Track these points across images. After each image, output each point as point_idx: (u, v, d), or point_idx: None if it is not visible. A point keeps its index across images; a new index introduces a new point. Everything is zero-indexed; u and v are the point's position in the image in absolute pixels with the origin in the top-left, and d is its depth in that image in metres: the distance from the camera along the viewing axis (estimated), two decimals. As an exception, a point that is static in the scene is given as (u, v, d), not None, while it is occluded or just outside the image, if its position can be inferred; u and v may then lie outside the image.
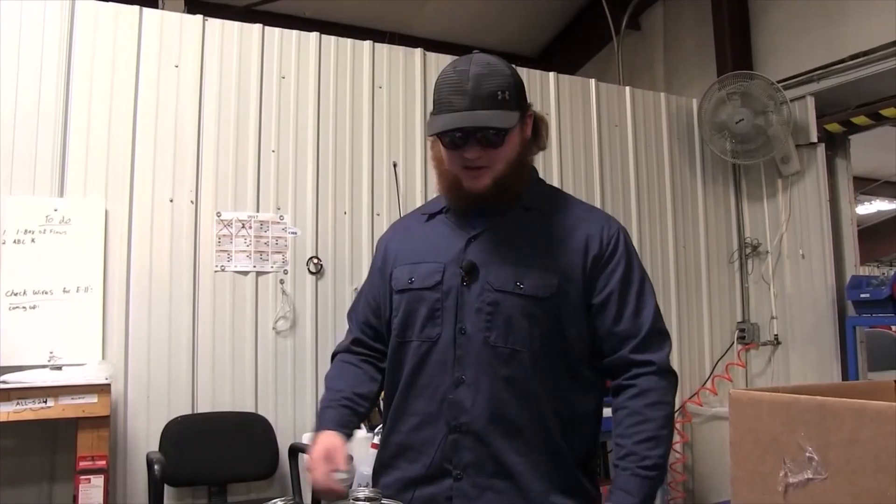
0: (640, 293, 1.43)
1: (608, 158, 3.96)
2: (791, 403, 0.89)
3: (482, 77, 1.32)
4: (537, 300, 1.37)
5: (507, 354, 1.36)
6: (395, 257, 1.52)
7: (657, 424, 1.34)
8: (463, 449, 1.36)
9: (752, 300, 4.24)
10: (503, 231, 1.43)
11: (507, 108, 1.33)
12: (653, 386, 1.37)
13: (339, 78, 3.37)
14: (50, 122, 2.81)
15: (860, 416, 0.80)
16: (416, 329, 1.43)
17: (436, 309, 1.40)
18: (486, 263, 1.39)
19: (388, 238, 1.61)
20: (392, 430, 1.46)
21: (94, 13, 2.93)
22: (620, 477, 1.31)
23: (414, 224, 1.57)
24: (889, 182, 7.55)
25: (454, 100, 1.32)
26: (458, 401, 1.36)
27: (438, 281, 1.41)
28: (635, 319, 1.40)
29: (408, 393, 1.43)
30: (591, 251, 1.41)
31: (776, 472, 0.89)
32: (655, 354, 1.39)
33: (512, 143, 1.38)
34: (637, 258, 1.47)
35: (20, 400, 2.41)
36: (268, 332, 3.10)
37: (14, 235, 2.70)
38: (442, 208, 1.51)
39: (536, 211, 1.46)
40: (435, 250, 1.46)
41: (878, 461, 0.78)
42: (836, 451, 0.82)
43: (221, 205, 3.08)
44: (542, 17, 5.62)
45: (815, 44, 3.95)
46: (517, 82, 1.39)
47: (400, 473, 1.43)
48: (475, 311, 1.38)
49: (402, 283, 1.47)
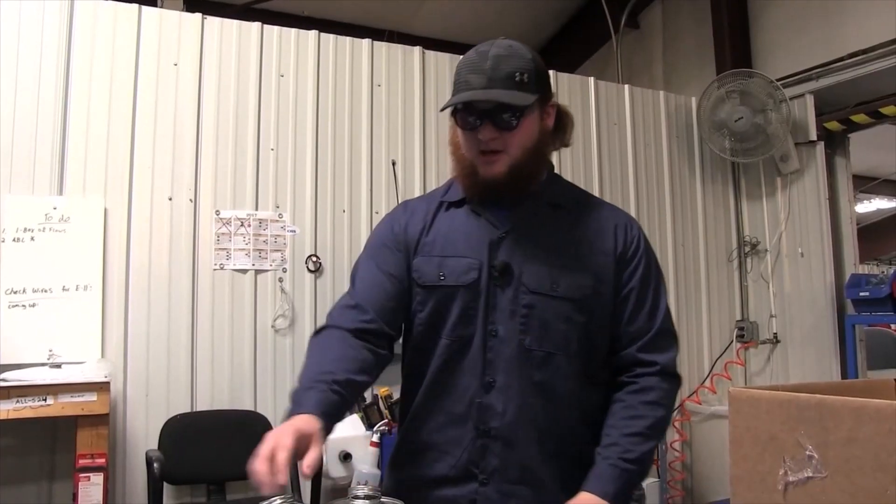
0: (657, 294, 1.42)
1: (607, 157, 3.95)
2: (790, 402, 0.89)
3: (501, 58, 1.30)
4: (573, 302, 1.34)
5: (542, 358, 1.33)
6: (416, 244, 1.42)
7: (649, 423, 1.33)
8: (491, 454, 1.32)
9: (751, 299, 4.24)
10: (533, 229, 1.39)
11: (524, 91, 1.30)
12: (654, 386, 1.36)
13: (337, 76, 3.37)
14: (49, 121, 2.81)
15: (859, 414, 0.80)
16: (447, 327, 1.36)
17: (471, 308, 1.35)
18: (519, 264, 1.35)
19: (404, 220, 1.46)
20: (413, 428, 1.41)
21: (93, 11, 2.93)
22: (600, 465, 1.30)
23: (433, 211, 1.46)
24: (889, 180, 7.56)
25: (471, 79, 1.30)
26: (488, 405, 1.32)
27: (475, 279, 1.35)
28: (648, 319, 1.39)
29: (432, 391, 1.38)
30: (618, 250, 1.40)
31: (776, 471, 0.89)
32: (662, 355, 1.38)
33: (528, 129, 1.34)
34: (655, 258, 1.45)
35: (20, 398, 2.41)
36: (267, 330, 3.10)
37: (13, 234, 2.70)
38: (464, 198, 1.43)
39: (564, 210, 1.42)
40: (465, 244, 1.39)
41: (877, 459, 0.78)
42: (836, 449, 0.82)
43: (220, 203, 3.07)
44: (541, 16, 5.61)
45: (815, 42, 3.95)
46: (539, 69, 1.34)
47: (420, 472, 1.38)
48: (509, 314, 1.33)
49: (431, 278, 1.39)
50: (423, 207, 1.48)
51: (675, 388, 1.40)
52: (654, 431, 1.34)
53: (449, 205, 1.45)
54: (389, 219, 1.51)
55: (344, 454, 2.86)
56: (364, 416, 2.97)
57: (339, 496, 1.24)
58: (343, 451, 2.86)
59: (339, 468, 2.85)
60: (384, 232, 1.48)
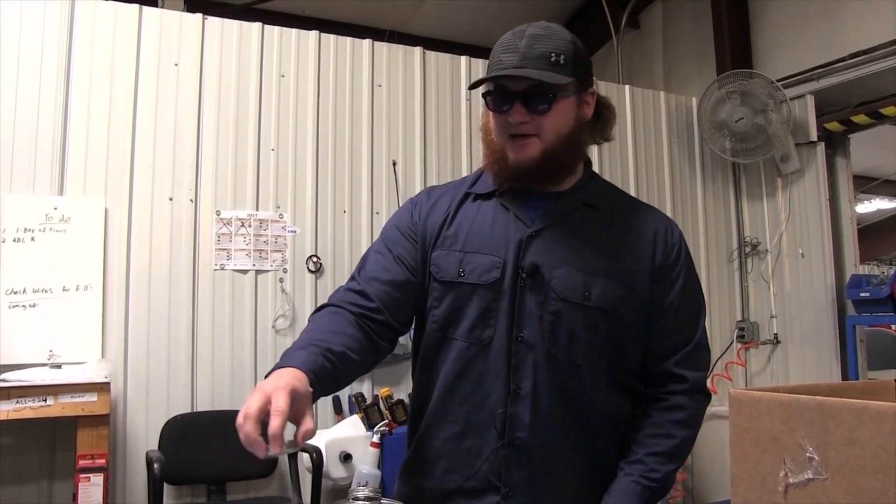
0: (696, 307, 1.35)
1: (607, 157, 3.95)
2: (791, 403, 0.89)
3: (538, 37, 1.23)
4: (603, 312, 1.26)
5: (568, 367, 1.25)
6: (435, 236, 1.33)
7: (676, 443, 1.28)
8: (515, 465, 1.25)
9: (751, 299, 4.24)
10: (567, 230, 1.29)
11: (559, 72, 1.21)
12: (684, 404, 1.30)
13: (338, 76, 3.37)
14: (49, 121, 2.81)
15: (860, 415, 0.80)
16: (464, 328, 1.28)
17: (491, 309, 1.26)
18: (549, 267, 1.26)
19: (425, 209, 1.37)
20: (427, 436, 1.32)
21: (93, 11, 2.93)
22: (622, 481, 1.26)
23: (457, 201, 1.36)
24: (889, 181, 7.55)
25: (504, 58, 1.22)
26: (514, 415, 1.24)
27: (497, 278, 1.26)
28: (686, 333, 1.33)
29: (448, 398, 1.29)
30: (657, 259, 1.31)
31: (776, 472, 0.89)
32: (695, 372, 1.32)
33: (562, 113, 1.24)
34: (694, 267, 1.37)
35: (20, 398, 2.41)
36: (267, 330, 3.10)
37: (14, 234, 2.70)
38: (494, 190, 1.33)
39: (601, 211, 1.33)
40: (490, 241, 1.29)
41: (878, 461, 0.78)
42: (836, 450, 0.82)
43: (221, 203, 3.07)
44: (541, 16, 5.52)
45: (815, 42, 3.95)
46: (579, 52, 1.26)
47: (435, 482, 1.30)
48: (536, 319, 1.25)
49: (450, 273, 1.30)
50: (447, 196, 1.38)
51: (703, 407, 1.34)
52: (680, 451, 1.29)
53: (476, 196, 1.35)
54: (410, 204, 1.40)
55: (344, 455, 2.86)
56: (364, 417, 2.97)
57: (340, 497, 1.20)
58: (343, 451, 2.86)
59: (340, 469, 2.85)
60: (403, 218, 1.38)
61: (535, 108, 1.22)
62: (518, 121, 1.23)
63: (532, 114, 1.23)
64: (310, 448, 2.71)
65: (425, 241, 1.34)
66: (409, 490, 1.35)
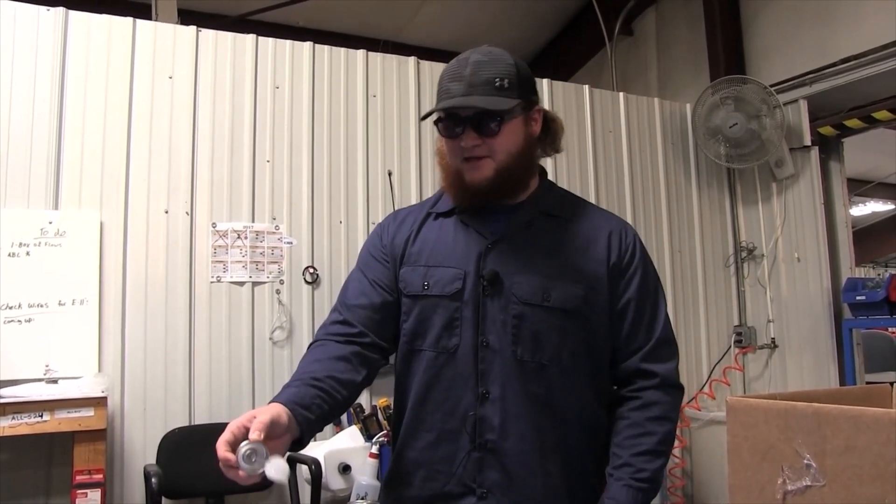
0: (655, 303, 1.40)
1: (602, 164, 3.96)
2: (788, 411, 0.89)
3: (481, 64, 1.29)
4: (565, 313, 1.32)
5: (535, 369, 1.30)
6: (401, 254, 1.42)
7: (657, 439, 1.31)
8: (488, 467, 1.29)
9: (748, 304, 4.24)
10: (524, 238, 1.37)
11: (504, 96, 1.29)
12: (658, 399, 1.34)
13: (333, 87, 3.37)
14: (44, 134, 2.81)
15: (857, 423, 0.80)
16: (431, 338, 1.35)
17: (454, 318, 1.33)
18: (509, 273, 1.32)
19: (392, 230, 1.47)
20: (405, 446, 1.38)
21: (87, 25, 2.93)
22: (613, 486, 1.29)
23: (420, 220, 1.45)
24: (883, 183, 7.59)
25: (452, 87, 1.29)
26: (483, 417, 1.29)
27: (459, 289, 1.33)
28: (648, 329, 1.37)
29: (421, 407, 1.35)
30: (612, 259, 1.37)
31: (774, 480, 0.89)
32: (662, 366, 1.37)
33: (512, 134, 1.32)
34: (652, 265, 1.43)
35: (16, 414, 2.39)
36: (264, 342, 3.09)
37: (9, 248, 2.69)
38: (454, 208, 1.42)
39: (558, 218, 1.40)
40: (452, 254, 1.37)
41: (875, 468, 0.78)
42: (834, 458, 0.82)
43: (217, 215, 3.07)
44: (535, 24, 5.64)
45: (808, 47, 3.97)
46: (522, 73, 1.34)
47: (415, 491, 1.35)
48: (500, 324, 1.31)
49: (415, 287, 1.37)
50: (411, 217, 1.48)
51: (678, 399, 1.38)
52: (663, 447, 1.33)
53: (437, 215, 1.44)
54: (380, 228, 1.50)
55: (343, 466, 2.84)
56: (363, 428, 2.96)
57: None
58: (342, 462, 2.84)
59: (339, 480, 2.84)
60: (374, 242, 1.48)
61: (486, 132, 1.30)
62: (471, 144, 1.30)
63: (483, 137, 1.30)
64: (308, 460, 2.70)
65: (395, 260, 1.42)
66: (391, 501, 1.41)
